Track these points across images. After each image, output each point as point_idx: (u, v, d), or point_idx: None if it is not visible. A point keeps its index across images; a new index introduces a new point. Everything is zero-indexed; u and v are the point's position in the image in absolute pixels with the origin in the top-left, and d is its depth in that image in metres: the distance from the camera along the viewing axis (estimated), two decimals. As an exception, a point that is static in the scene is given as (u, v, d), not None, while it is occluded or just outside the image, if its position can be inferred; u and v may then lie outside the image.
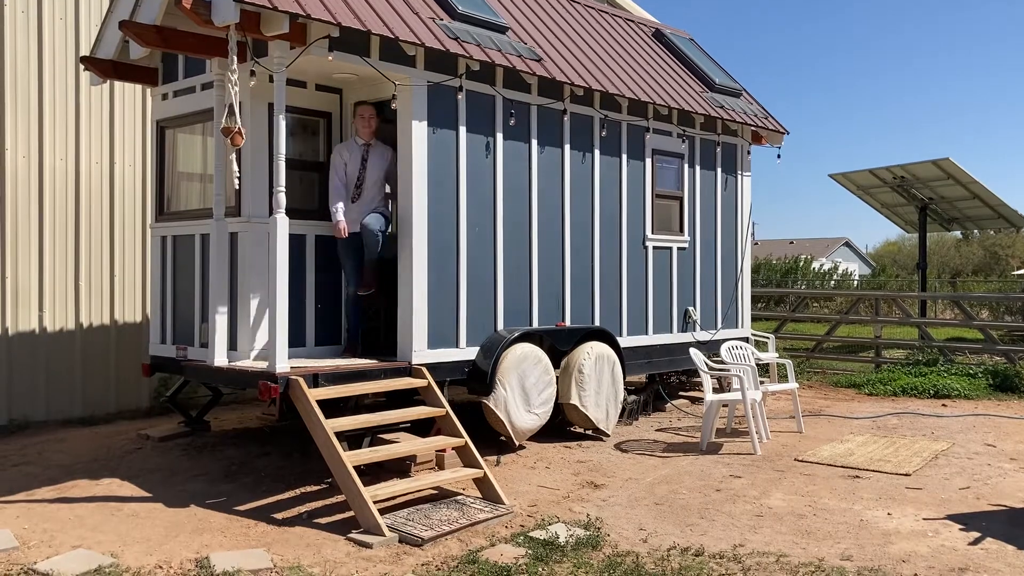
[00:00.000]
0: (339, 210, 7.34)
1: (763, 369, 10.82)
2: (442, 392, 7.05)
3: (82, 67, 8.02)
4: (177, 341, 7.70)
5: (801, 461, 7.78)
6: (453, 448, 6.79)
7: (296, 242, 7.23)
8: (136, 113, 9.77)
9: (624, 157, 9.30)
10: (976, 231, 41.24)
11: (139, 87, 9.47)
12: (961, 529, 5.84)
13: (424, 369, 7.14)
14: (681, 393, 10.88)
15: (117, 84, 9.31)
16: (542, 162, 8.41)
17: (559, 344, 8.36)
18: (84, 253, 9.39)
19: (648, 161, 9.59)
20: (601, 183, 9.04)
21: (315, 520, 5.95)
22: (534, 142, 8.33)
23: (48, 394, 9.09)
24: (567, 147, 8.66)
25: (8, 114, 8.84)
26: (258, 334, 7.10)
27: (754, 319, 12.18)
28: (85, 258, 9.40)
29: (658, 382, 10.23)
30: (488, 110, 7.91)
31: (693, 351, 8.60)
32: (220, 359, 6.94)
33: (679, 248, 10.06)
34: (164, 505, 6.19)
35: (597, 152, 8.99)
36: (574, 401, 8.21)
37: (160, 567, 5.08)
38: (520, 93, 8.16)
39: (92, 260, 9.45)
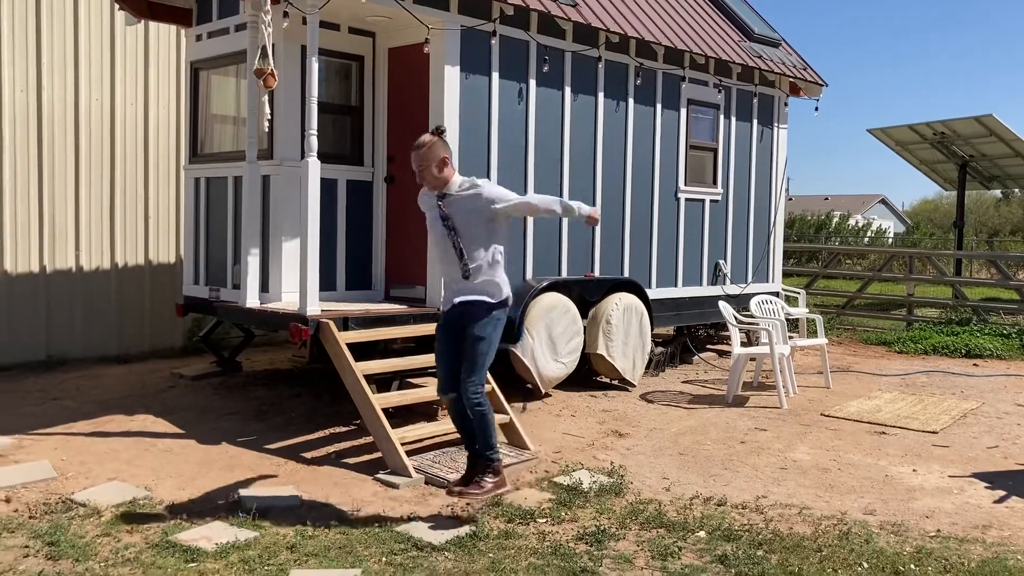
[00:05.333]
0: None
1: (793, 324, 10.75)
2: (470, 339, 7.08)
3: (117, 7, 8.02)
4: (210, 282, 7.80)
5: (827, 416, 7.77)
6: (480, 394, 6.84)
7: (327, 186, 7.24)
8: (170, 54, 9.78)
9: (659, 107, 9.18)
10: (1016, 190, 40.40)
11: (173, 28, 9.46)
12: (987, 487, 5.83)
13: (453, 315, 7.17)
14: (708, 346, 10.87)
15: (152, 25, 9.30)
16: (575, 110, 8.33)
17: (587, 294, 8.36)
18: (119, 193, 9.49)
19: (683, 111, 9.46)
20: (634, 133, 8.94)
21: (343, 460, 6.06)
22: (567, 90, 8.24)
23: (85, 331, 9.27)
24: (600, 95, 8.56)
25: (44, 54, 8.89)
26: (289, 277, 7.16)
27: (785, 274, 12.08)
28: (120, 198, 9.50)
29: (686, 334, 10.22)
30: (521, 56, 7.82)
31: (722, 304, 8.57)
32: (252, 300, 7.02)
33: (712, 200, 9.96)
34: (196, 442, 6.33)
35: (631, 101, 8.88)
36: (601, 351, 8.23)
37: (192, 501, 5.21)
38: (554, 39, 8.05)
39: (127, 201, 9.56)
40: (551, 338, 7.77)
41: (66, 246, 9.13)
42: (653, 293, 9.06)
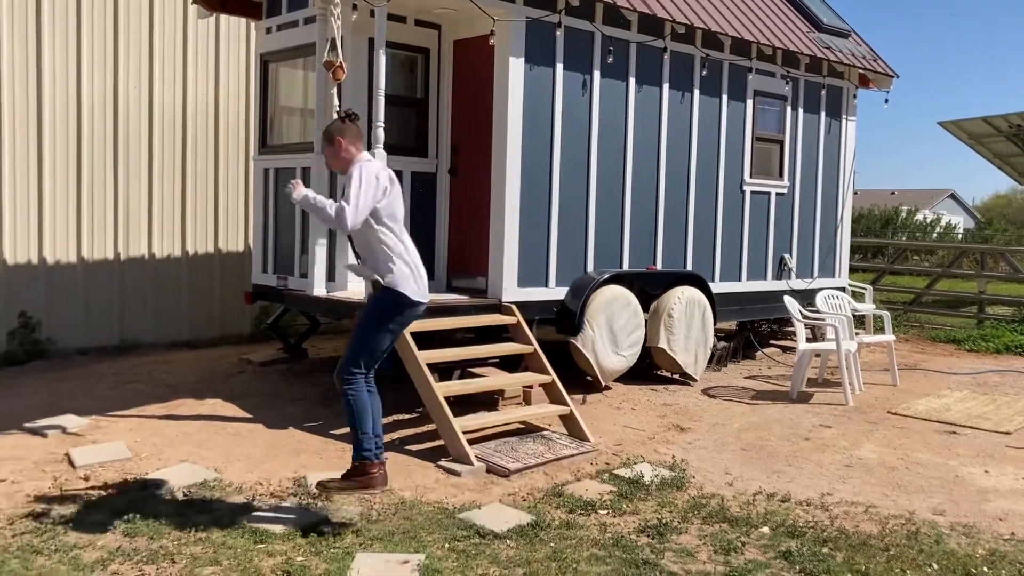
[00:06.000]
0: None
1: (859, 320, 10.56)
2: (530, 330, 7.12)
3: (190, 1, 8.22)
4: (278, 271, 7.96)
5: (895, 414, 7.62)
6: (540, 385, 6.89)
7: (392, 177, 7.32)
8: (240, 47, 9.98)
9: (724, 98, 9.08)
10: (1097, 185, 38.86)
11: (244, 21, 9.65)
12: (1063, 490, 5.66)
13: (513, 307, 7.21)
14: (772, 342, 10.72)
15: (223, 18, 9.51)
16: (639, 101, 8.28)
17: (649, 287, 8.31)
18: (190, 183, 9.74)
19: (749, 103, 9.33)
20: (699, 124, 8.85)
21: (406, 447, 6.14)
22: (632, 81, 8.19)
23: (157, 317, 9.54)
24: (665, 86, 8.49)
25: (121, 50, 9.16)
26: (355, 266, 7.27)
27: (851, 270, 11.84)
28: (191, 188, 9.75)
29: (749, 329, 10.10)
30: (586, 47, 7.80)
31: (787, 299, 8.45)
32: (319, 289, 7.15)
33: (777, 193, 9.82)
34: (264, 426, 6.48)
35: (696, 92, 8.79)
36: (662, 345, 8.19)
37: (260, 483, 5.34)
38: (619, 30, 8.01)
39: (198, 190, 9.80)
40: (612, 331, 7.75)
41: (139, 235, 9.40)
42: (716, 287, 8.97)
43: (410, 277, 4.66)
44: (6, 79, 8.53)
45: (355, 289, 7.19)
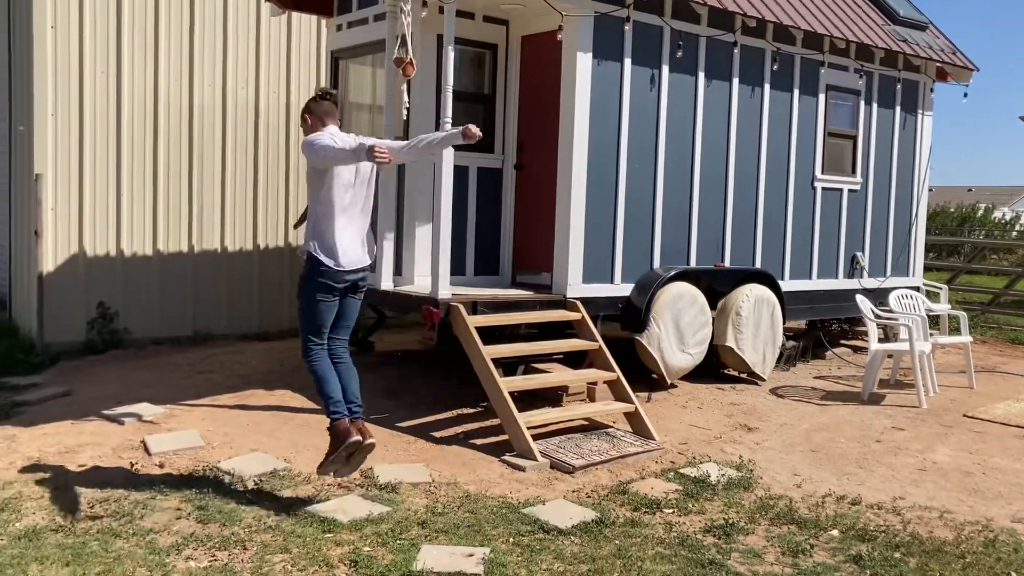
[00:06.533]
0: None
1: (933, 321, 10.25)
2: (595, 326, 7.10)
3: (263, -1, 8.39)
4: (346, 265, 8.05)
5: (971, 418, 7.39)
6: (605, 382, 6.86)
7: (459, 173, 7.36)
8: (311, 44, 10.14)
9: (796, 93, 8.91)
10: None
11: (314, 19, 9.81)
12: None
13: (578, 303, 7.20)
14: (842, 341, 10.50)
15: (294, 16, 9.67)
16: (708, 96, 8.17)
17: (717, 284, 8.21)
18: (262, 179, 9.93)
19: (821, 97, 9.14)
20: (770, 119, 8.71)
21: (470, 441, 6.18)
22: (701, 75, 8.09)
23: (228, 309, 9.76)
24: (735, 81, 8.37)
25: (196, 47, 9.39)
26: (422, 261, 7.34)
27: (926, 269, 11.52)
28: (263, 183, 9.95)
29: (819, 328, 9.90)
30: (655, 41, 7.73)
31: (859, 298, 8.26)
32: (386, 283, 7.24)
33: (850, 190, 9.60)
34: (332, 418, 6.58)
35: (767, 87, 8.64)
36: (730, 343, 8.08)
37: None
38: (688, 24, 7.92)
39: (269, 185, 9.99)
40: (678, 328, 7.68)
41: (212, 228, 9.63)
42: (786, 285, 8.82)
43: (327, 247, 4.81)
44: (88, 79, 8.82)
45: (422, 284, 7.25)
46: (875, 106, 9.71)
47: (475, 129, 4.67)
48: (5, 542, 4.31)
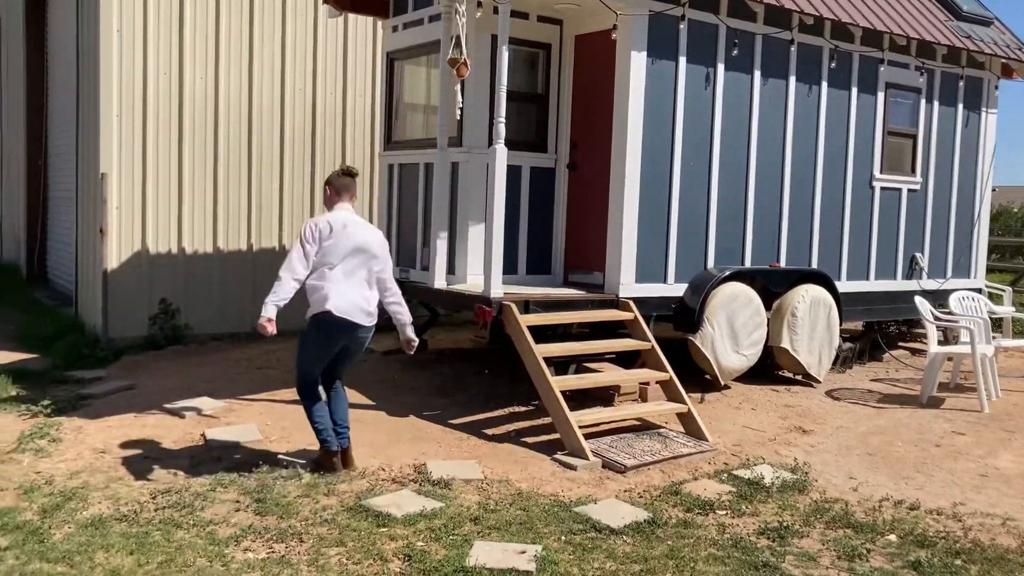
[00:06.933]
0: None
1: (996, 324, 10.01)
2: (647, 326, 7.07)
3: (320, 1, 8.51)
4: (400, 263, 8.15)
5: (1036, 424, 7.20)
6: (657, 382, 6.83)
7: (512, 172, 7.37)
8: (367, 46, 10.27)
9: (854, 91, 8.76)
10: None
11: (369, 21, 9.93)
12: None
13: (631, 303, 7.17)
14: (900, 344, 10.29)
15: (350, 19, 9.81)
16: (764, 95, 8.09)
17: (772, 285, 8.12)
18: (319, 178, 10.08)
19: (880, 96, 8.98)
20: (827, 118, 8.58)
21: (522, 439, 6.21)
22: (757, 74, 8.01)
23: (285, 306, 9.87)
24: (792, 79, 8.26)
25: (255, 51, 9.58)
26: (475, 260, 7.39)
27: (989, 270, 11.25)
28: (320, 183, 10.08)
29: (876, 330, 9.72)
30: (710, 40, 7.67)
31: (918, 299, 8.10)
32: (439, 282, 7.30)
33: (909, 190, 9.41)
34: (386, 414, 6.67)
35: (824, 85, 8.52)
36: (785, 344, 7.99)
37: (382, 469, 5.50)
38: (744, 22, 7.84)
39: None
40: (732, 329, 7.61)
41: (271, 227, 9.81)
42: (842, 286, 8.68)
43: (327, 300, 5.37)
44: (151, 80, 9.05)
45: (474, 282, 7.30)
46: (936, 104, 9.50)
47: (415, 345, 5.83)
48: (73, 529, 4.46)
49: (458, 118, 7.08)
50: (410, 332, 5.78)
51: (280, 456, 5.68)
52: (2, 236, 16.27)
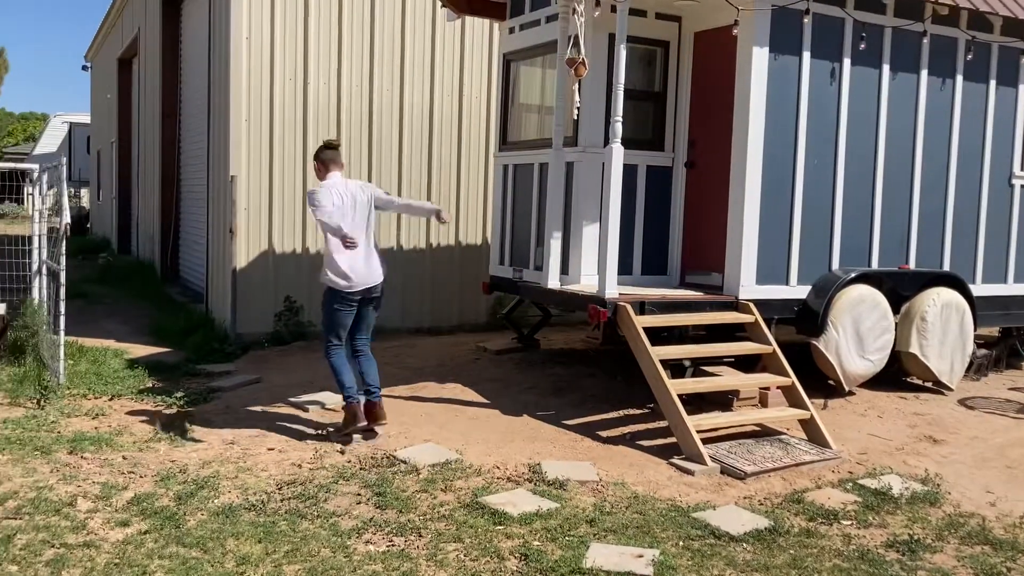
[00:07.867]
0: None
1: None
2: (768, 329, 6.88)
3: (440, 4, 8.65)
4: (514, 263, 8.21)
5: None
6: (778, 387, 6.64)
7: (628, 171, 7.29)
8: (483, 48, 10.38)
9: (992, 83, 8.29)
10: None
11: (486, 23, 10.03)
12: None
13: (751, 305, 6.99)
14: (1041, 351, 9.68)
15: (467, 22, 9.93)
16: (893, 90, 7.74)
17: (901, 288, 7.77)
18: (435, 178, 10.27)
19: (1022, 88, 8.47)
20: (962, 113, 8.14)
21: (637, 442, 6.14)
22: (885, 68, 7.68)
23: (402, 304, 10.14)
24: (923, 73, 7.88)
25: (376, 54, 9.83)
26: (589, 260, 7.35)
27: None
28: (436, 183, 10.29)
29: (1015, 336, 9.18)
30: (835, 33, 7.40)
31: (1063, 304, 7.61)
32: (553, 282, 7.30)
33: (1053, 187, 8.85)
34: (500, 412, 6.72)
35: (959, 78, 8.09)
36: (914, 350, 7.63)
37: (497, 467, 5.54)
38: (872, 14, 7.53)
39: (441, 186, 10.32)
40: (858, 333, 7.32)
41: (389, 227, 10.03)
42: (977, 289, 8.23)
43: (340, 275, 5.97)
44: (278, 86, 9.40)
45: (588, 283, 7.27)
46: (1085, 96, 8.90)
47: (446, 216, 6.38)
48: (205, 517, 4.67)
49: (575, 118, 7.06)
50: (430, 206, 6.74)
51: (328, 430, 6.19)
52: (139, 236, 17.24)
